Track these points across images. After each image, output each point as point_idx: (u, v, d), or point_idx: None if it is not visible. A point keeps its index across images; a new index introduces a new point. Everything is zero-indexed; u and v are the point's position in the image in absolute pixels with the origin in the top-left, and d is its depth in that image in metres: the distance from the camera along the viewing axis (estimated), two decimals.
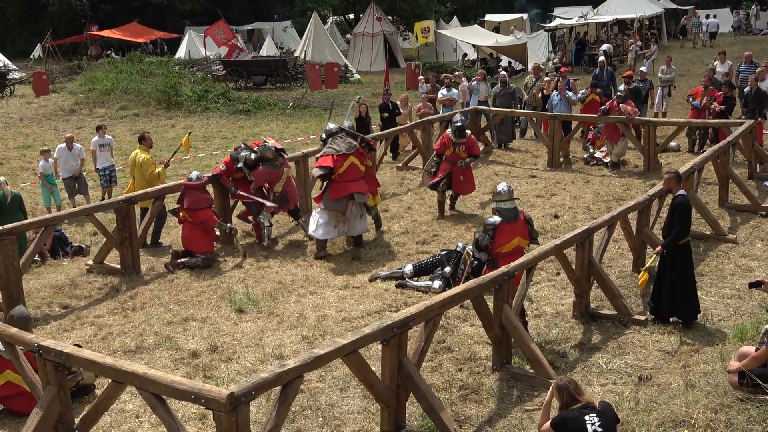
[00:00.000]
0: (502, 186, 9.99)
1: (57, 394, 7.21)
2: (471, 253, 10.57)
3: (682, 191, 9.90)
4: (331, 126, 13.31)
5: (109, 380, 6.98)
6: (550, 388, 6.73)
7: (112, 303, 11.42)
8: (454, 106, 21.21)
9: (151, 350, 9.75)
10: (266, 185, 13.60)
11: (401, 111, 20.23)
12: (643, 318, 10.00)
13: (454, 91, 21.56)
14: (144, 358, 9.54)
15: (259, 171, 13.48)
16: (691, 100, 19.40)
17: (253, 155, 13.49)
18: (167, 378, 6.40)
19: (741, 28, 49.93)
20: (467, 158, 14.62)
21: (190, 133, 15.72)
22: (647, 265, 10.21)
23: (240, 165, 13.55)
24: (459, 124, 14.61)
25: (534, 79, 21.69)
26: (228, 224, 13.50)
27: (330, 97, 32.42)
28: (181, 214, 12.93)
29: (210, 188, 13.59)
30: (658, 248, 9.92)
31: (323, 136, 13.26)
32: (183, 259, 12.66)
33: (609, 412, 6.44)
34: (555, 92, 19.88)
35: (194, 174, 13.16)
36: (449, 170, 14.58)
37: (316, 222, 12.86)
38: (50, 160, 16.21)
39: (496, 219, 9.68)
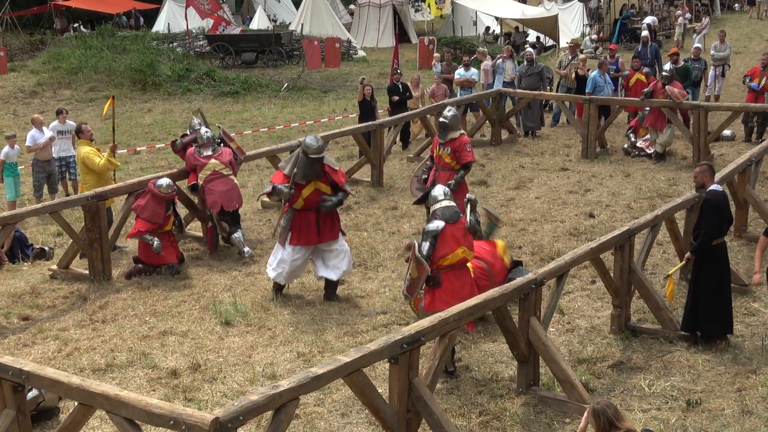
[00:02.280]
0: (436, 190, 9.64)
1: (16, 419, 7.22)
2: None
3: (715, 186, 9.91)
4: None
5: (76, 403, 6.99)
6: (585, 413, 6.71)
7: (79, 314, 11.44)
8: (474, 88, 21.19)
9: (124, 368, 9.76)
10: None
11: (414, 93, 20.21)
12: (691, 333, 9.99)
13: (473, 70, 21.54)
14: (115, 377, 9.55)
15: (187, 154, 13.49)
16: (747, 81, 19.34)
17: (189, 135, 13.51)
18: (142, 401, 6.41)
19: None
20: (451, 182, 12.67)
21: (113, 97, 15.51)
22: (671, 272, 10.19)
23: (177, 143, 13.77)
24: (442, 119, 13.25)
25: (569, 57, 21.67)
26: (154, 239, 12.56)
27: (330, 77, 32.43)
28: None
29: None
30: (687, 254, 9.96)
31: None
32: (139, 266, 12.68)
33: None
34: (595, 71, 19.83)
35: (165, 181, 12.77)
36: (432, 177, 13.34)
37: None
38: (16, 147, 16.28)
39: (439, 223, 9.26)
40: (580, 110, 19.33)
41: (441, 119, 13.24)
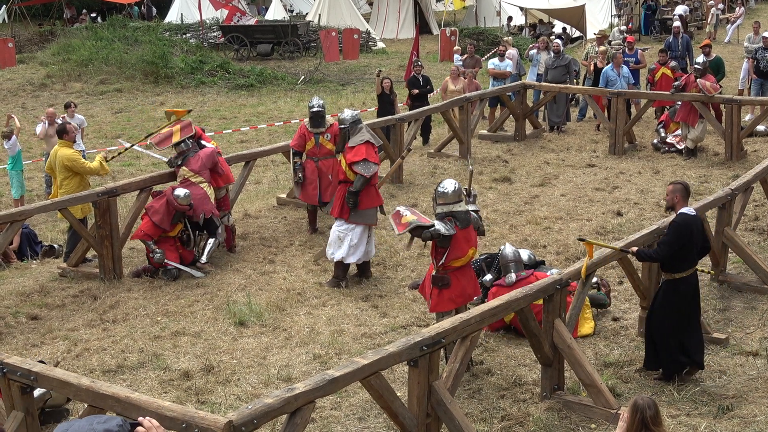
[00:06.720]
0: (446, 185, 9.50)
1: (24, 421, 7.29)
2: None
3: (686, 209, 9.15)
4: (354, 113, 12.50)
5: (85, 405, 7.04)
6: (628, 408, 6.49)
7: (88, 314, 11.51)
8: (506, 80, 21.05)
9: (135, 370, 9.83)
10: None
11: (452, 87, 19.97)
12: (722, 337, 9.97)
13: (509, 62, 21.43)
14: (126, 379, 9.62)
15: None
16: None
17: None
18: (153, 403, 6.45)
19: None
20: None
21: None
22: (593, 241, 9.31)
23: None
24: (315, 108, 13.96)
25: (596, 49, 21.62)
26: (157, 249, 12.57)
27: (349, 70, 32.45)
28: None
29: None
30: (633, 248, 9.26)
31: (347, 119, 12.29)
32: (145, 267, 12.75)
33: None
34: (608, 65, 19.74)
35: (182, 192, 12.51)
36: (315, 170, 13.86)
37: (347, 243, 11.90)
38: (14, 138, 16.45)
39: (449, 227, 9.30)
40: (599, 103, 19.32)
41: (314, 108, 13.99)
